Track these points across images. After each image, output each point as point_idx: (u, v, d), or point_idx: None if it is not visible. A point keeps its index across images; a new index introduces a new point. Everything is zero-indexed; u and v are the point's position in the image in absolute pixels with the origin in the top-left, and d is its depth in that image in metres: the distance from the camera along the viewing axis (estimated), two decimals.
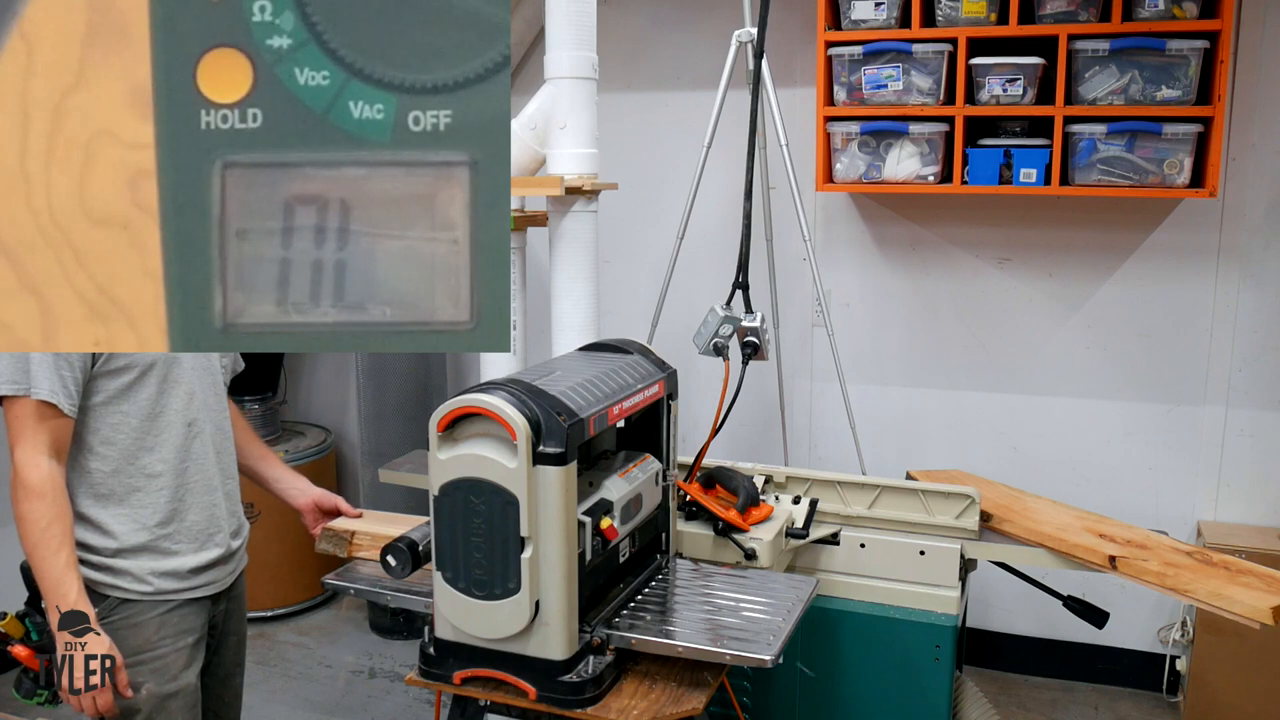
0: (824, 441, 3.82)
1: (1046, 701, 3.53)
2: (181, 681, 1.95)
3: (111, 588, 1.88)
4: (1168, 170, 2.97)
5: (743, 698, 2.52)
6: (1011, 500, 2.66)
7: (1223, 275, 3.31)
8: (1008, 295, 3.55)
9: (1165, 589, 2.25)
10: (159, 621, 1.92)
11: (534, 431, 1.63)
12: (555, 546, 1.66)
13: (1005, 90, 3.04)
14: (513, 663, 1.73)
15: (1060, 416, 3.54)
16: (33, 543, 1.78)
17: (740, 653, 1.73)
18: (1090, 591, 2.98)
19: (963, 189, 3.17)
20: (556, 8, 2.41)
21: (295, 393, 4.61)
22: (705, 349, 2.59)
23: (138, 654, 1.89)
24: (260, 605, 4.10)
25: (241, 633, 2.18)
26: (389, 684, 3.66)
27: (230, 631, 2.13)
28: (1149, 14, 2.89)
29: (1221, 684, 3.21)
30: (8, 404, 1.77)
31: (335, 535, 2.15)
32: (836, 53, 3.20)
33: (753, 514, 2.31)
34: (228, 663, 2.14)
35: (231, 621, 2.12)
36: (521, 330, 2.84)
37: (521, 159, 2.50)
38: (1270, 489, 3.36)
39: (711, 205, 3.62)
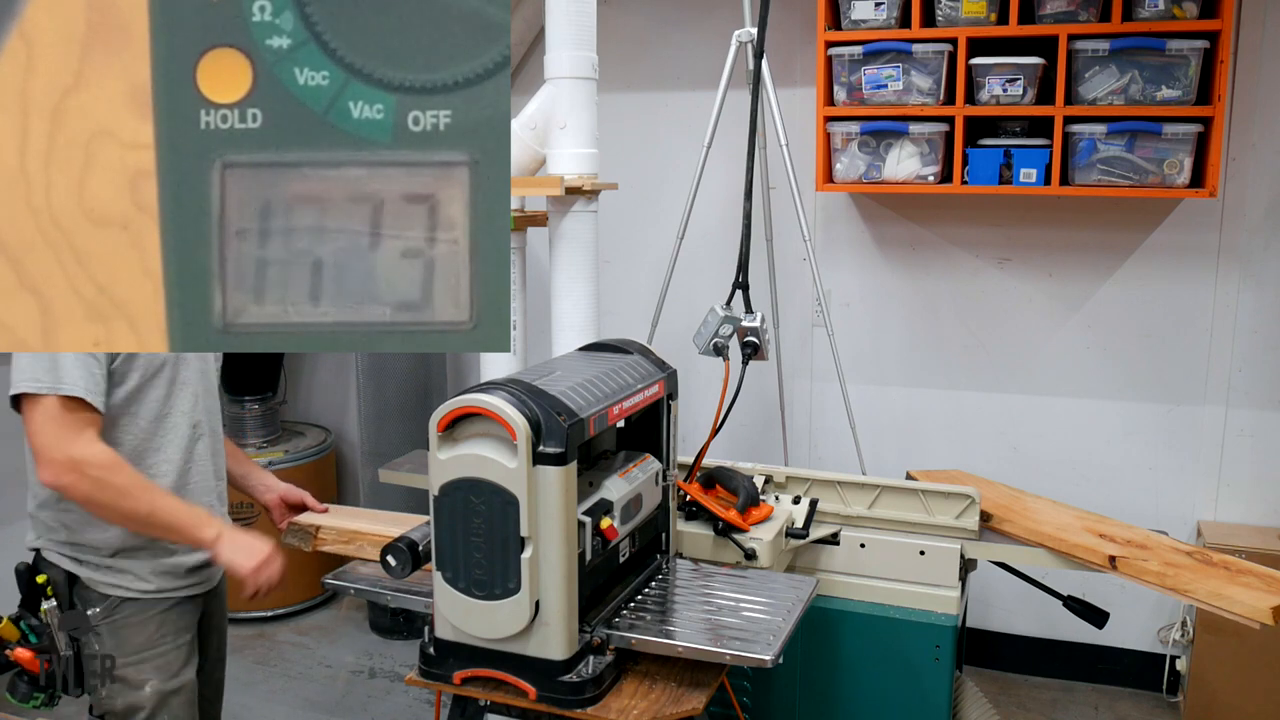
0: (824, 441, 3.82)
1: (1046, 701, 3.53)
2: (183, 678, 1.97)
3: (113, 587, 1.89)
4: (1168, 170, 2.97)
5: (743, 698, 2.52)
6: (1011, 500, 2.66)
7: (1223, 275, 3.31)
8: (1008, 295, 3.55)
9: (1165, 589, 2.24)
10: (160, 620, 1.93)
11: (534, 431, 1.63)
12: (555, 546, 1.66)
13: (1005, 90, 3.04)
14: (513, 663, 1.73)
15: (1060, 416, 3.54)
16: (147, 508, 1.78)
17: (740, 653, 1.73)
18: (1090, 591, 2.98)
19: (963, 189, 3.17)
20: (556, 8, 2.41)
21: (295, 393, 4.61)
22: (705, 349, 2.58)
23: (141, 652, 1.91)
24: (260, 605, 4.09)
25: (223, 629, 2.21)
26: (389, 684, 3.66)
27: (214, 628, 2.15)
28: (1149, 14, 2.89)
29: (1221, 684, 3.21)
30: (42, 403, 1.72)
31: (301, 530, 2.18)
32: (836, 53, 3.20)
33: (753, 514, 2.31)
34: (211, 658, 2.16)
35: (215, 618, 2.15)
36: (521, 330, 2.84)
37: (521, 159, 2.50)
38: (1270, 489, 3.36)
39: (711, 205, 3.62)
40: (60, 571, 1.88)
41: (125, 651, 1.89)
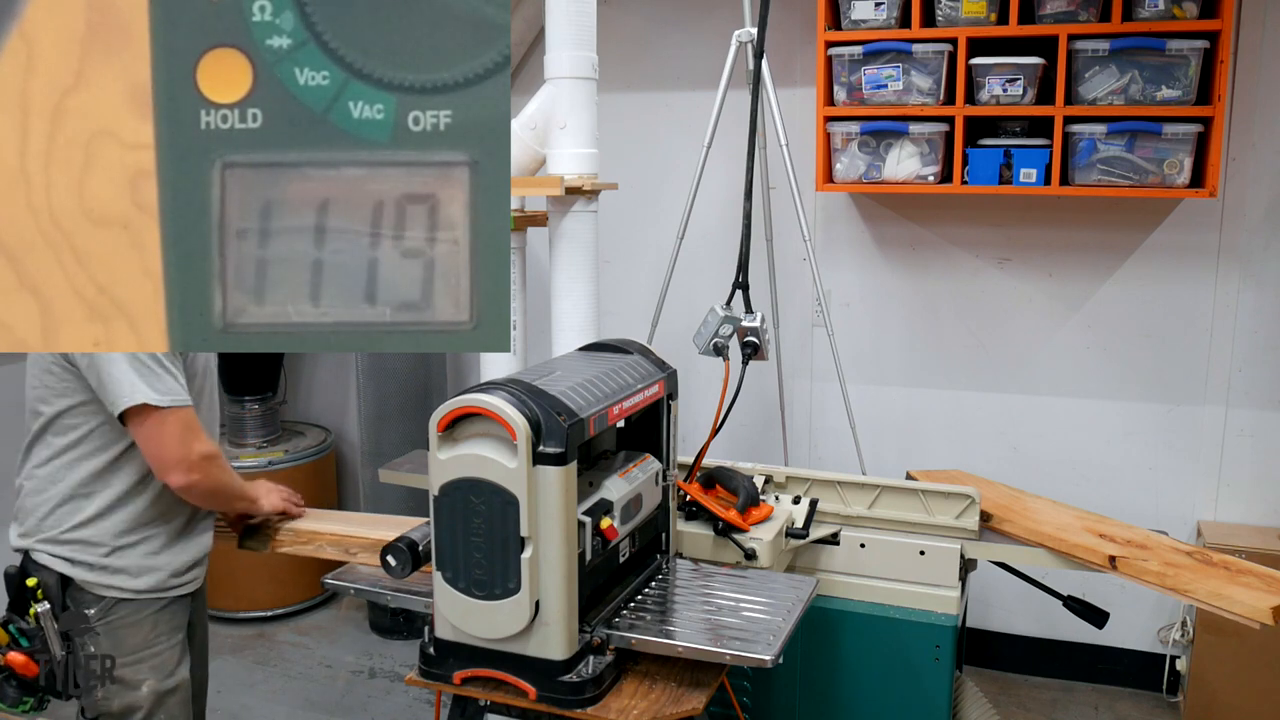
0: (824, 441, 3.82)
1: (1046, 701, 3.53)
2: (178, 677, 1.99)
3: (108, 588, 1.89)
4: (1168, 170, 2.97)
5: (743, 698, 2.52)
6: (1011, 500, 2.66)
7: (1223, 275, 3.31)
8: (1008, 295, 3.55)
9: (1165, 589, 2.24)
10: (154, 620, 1.94)
11: (534, 431, 1.63)
12: (555, 546, 1.66)
13: (1005, 90, 3.04)
14: (513, 663, 1.73)
15: (1060, 416, 3.54)
16: (239, 483, 2.02)
17: (740, 653, 1.73)
18: (1090, 591, 2.98)
19: (963, 189, 3.17)
20: (556, 8, 2.41)
21: (295, 393, 4.61)
22: (705, 349, 2.58)
23: (137, 652, 1.91)
24: (260, 605, 4.10)
25: (206, 624, 2.25)
26: (389, 684, 3.66)
27: (198, 624, 2.17)
28: (1149, 14, 2.89)
29: (1221, 684, 3.21)
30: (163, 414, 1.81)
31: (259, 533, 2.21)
32: (836, 53, 3.20)
33: (753, 514, 2.31)
34: (195, 658, 2.17)
35: (198, 614, 2.17)
36: (521, 330, 2.84)
37: (521, 159, 2.50)
38: (1270, 489, 3.36)
39: (711, 205, 3.62)
40: (52, 574, 1.88)
41: (122, 652, 1.90)
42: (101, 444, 1.89)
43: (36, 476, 1.92)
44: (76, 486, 1.89)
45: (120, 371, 1.78)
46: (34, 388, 1.91)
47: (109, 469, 1.90)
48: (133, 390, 1.78)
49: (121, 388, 1.78)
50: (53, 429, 1.90)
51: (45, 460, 1.91)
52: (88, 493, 1.89)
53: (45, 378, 1.88)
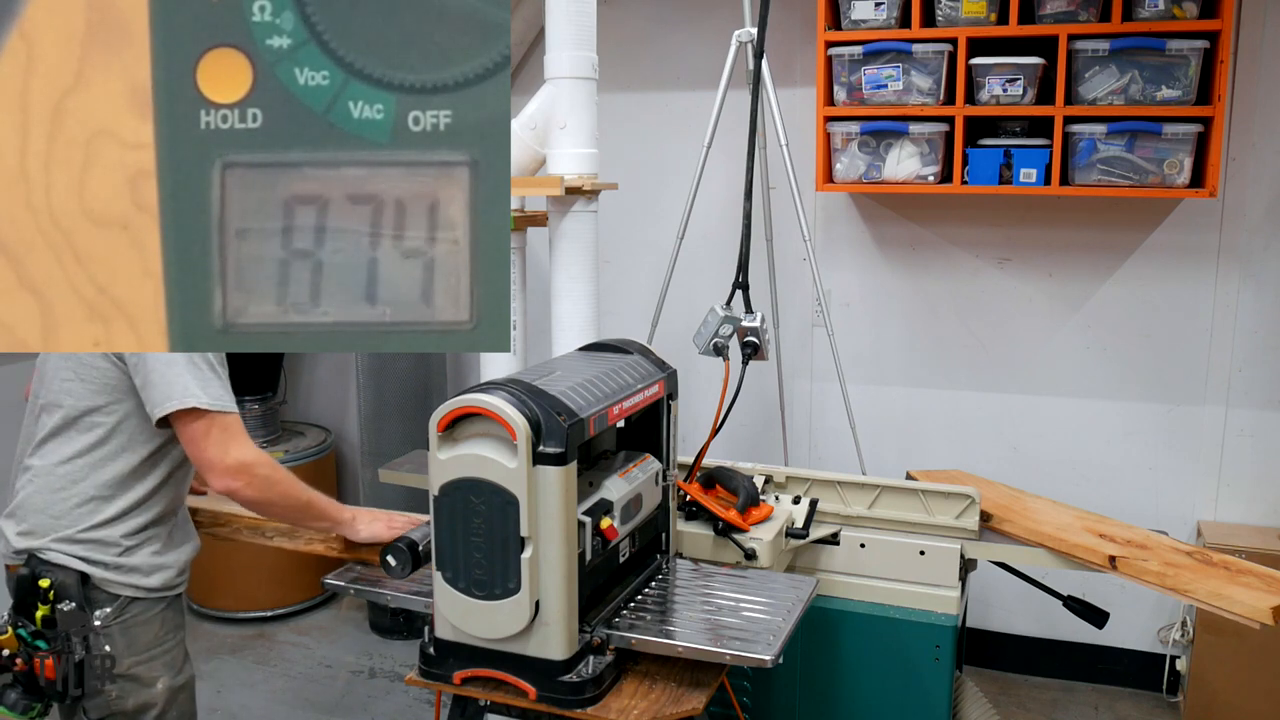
0: (824, 441, 3.82)
1: (1046, 701, 3.53)
2: (186, 674, 2.00)
3: (124, 586, 1.89)
4: (1168, 170, 2.97)
5: (743, 698, 2.52)
6: (1011, 500, 2.66)
7: (1223, 275, 3.31)
8: (1008, 295, 3.55)
9: (1165, 589, 2.24)
10: (162, 617, 1.95)
11: (534, 431, 1.63)
12: (555, 546, 1.66)
13: (1005, 90, 3.04)
14: (513, 663, 1.73)
15: (1060, 416, 3.54)
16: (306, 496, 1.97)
17: (740, 653, 1.73)
18: (1090, 591, 2.98)
19: (963, 189, 3.17)
20: (556, 8, 2.41)
21: (295, 393, 4.61)
22: (705, 349, 2.58)
23: (150, 650, 1.92)
24: (260, 605, 4.10)
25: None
26: (389, 684, 3.66)
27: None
28: (1149, 14, 2.89)
29: (1221, 684, 3.21)
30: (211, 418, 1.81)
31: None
32: (836, 53, 3.20)
33: (753, 514, 2.31)
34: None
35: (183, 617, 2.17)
36: (521, 330, 2.84)
37: (521, 159, 2.50)
38: (1270, 489, 3.36)
39: (711, 205, 3.62)
40: (71, 573, 1.84)
41: (136, 650, 1.89)
42: (126, 444, 1.86)
43: (56, 474, 1.87)
44: (101, 487, 1.86)
45: (176, 373, 1.77)
46: (63, 380, 1.86)
47: (135, 473, 1.88)
48: (184, 392, 1.77)
49: (173, 388, 1.77)
50: (77, 425, 1.85)
51: (68, 458, 1.86)
52: (111, 495, 1.87)
53: (81, 370, 1.84)
